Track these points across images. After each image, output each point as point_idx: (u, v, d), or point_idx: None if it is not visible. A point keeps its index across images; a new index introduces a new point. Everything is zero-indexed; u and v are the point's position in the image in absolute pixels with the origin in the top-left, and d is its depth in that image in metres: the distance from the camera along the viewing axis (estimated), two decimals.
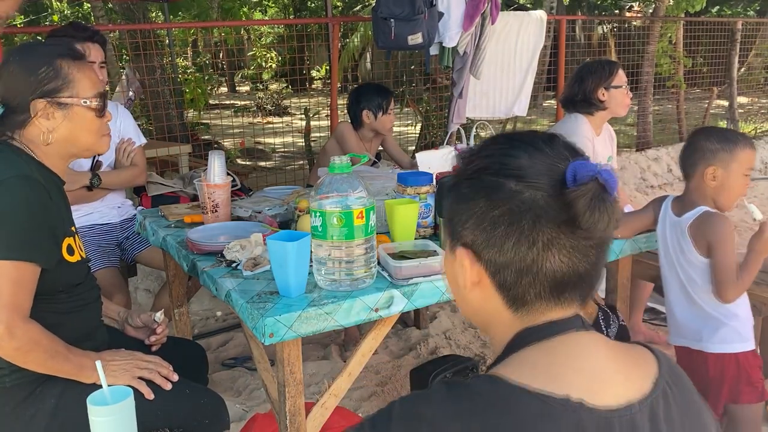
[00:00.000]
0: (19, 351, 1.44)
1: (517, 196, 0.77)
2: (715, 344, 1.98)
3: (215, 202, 2.18)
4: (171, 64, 6.67)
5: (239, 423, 2.35)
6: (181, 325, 2.54)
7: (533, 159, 0.79)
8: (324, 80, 14.41)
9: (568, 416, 0.71)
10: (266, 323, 1.48)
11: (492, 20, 3.96)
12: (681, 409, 0.79)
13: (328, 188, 1.60)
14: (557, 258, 0.78)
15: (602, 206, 0.76)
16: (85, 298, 1.66)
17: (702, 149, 1.98)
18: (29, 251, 1.45)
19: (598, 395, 0.73)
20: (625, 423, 0.73)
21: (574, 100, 3.03)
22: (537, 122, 10.06)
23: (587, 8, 14.45)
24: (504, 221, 0.78)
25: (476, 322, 0.91)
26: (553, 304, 0.81)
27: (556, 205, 0.76)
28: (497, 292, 0.82)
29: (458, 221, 0.83)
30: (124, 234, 2.78)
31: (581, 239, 0.78)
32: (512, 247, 0.78)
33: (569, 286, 0.80)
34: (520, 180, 0.78)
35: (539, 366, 0.76)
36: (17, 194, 1.45)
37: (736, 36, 7.86)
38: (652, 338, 3.19)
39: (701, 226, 1.98)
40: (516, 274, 0.79)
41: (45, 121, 1.54)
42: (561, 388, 0.72)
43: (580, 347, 0.78)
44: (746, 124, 9.14)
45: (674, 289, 2.10)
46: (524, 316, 0.82)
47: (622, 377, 0.76)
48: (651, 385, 0.77)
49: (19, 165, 1.50)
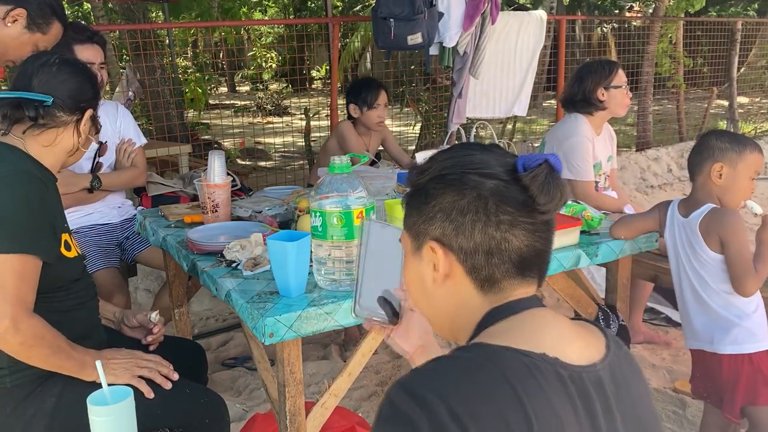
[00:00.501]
0: (23, 345, 1.44)
1: (482, 185, 0.88)
2: (727, 345, 1.98)
3: (215, 202, 2.18)
4: (171, 64, 6.67)
5: (239, 423, 2.35)
6: (181, 325, 2.54)
7: (487, 156, 0.92)
8: (324, 80, 14.40)
9: (550, 368, 0.80)
10: (266, 323, 1.48)
11: (492, 20, 3.96)
12: (628, 370, 0.90)
13: (328, 188, 1.61)
14: (521, 235, 0.88)
15: (554, 183, 0.88)
16: (83, 295, 1.67)
17: (711, 147, 1.99)
18: (32, 245, 1.46)
19: (567, 353, 0.83)
20: (593, 377, 0.84)
21: (573, 100, 3.03)
22: (537, 122, 10.06)
23: (587, 8, 14.45)
24: (471, 208, 0.88)
25: (442, 321, 0.98)
26: (517, 282, 0.91)
27: (515, 189, 0.88)
28: (467, 277, 0.91)
29: (424, 221, 0.92)
30: (125, 234, 2.78)
31: (536, 216, 0.89)
32: (480, 231, 0.88)
33: (531, 263, 0.91)
34: (481, 172, 0.89)
35: (512, 332, 0.86)
36: (17, 189, 1.47)
37: (736, 36, 7.86)
38: (652, 338, 3.19)
39: (711, 222, 1.97)
40: (485, 255, 0.89)
41: (86, 128, 1.67)
42: (538, 347, 0.82)
43: (545, 319, 0.89)
44: (746, 124, 9.14)
45: (686, 292, 2.09)
46: (493, 297, 0.91)
47: (583, 342, 0.87)
48: (605, 350, 0.88)
49: (17, 161, 1.53)
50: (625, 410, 0.85)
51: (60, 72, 1.62)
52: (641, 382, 0.93)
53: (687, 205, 2.07)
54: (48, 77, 1.60)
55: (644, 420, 0.90)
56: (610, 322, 2.19)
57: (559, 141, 3.02)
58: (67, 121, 1.62)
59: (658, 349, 3.14)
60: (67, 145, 1.65)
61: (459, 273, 0.91)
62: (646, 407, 0.91)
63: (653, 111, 7.96)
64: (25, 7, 2.08)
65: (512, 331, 0.86)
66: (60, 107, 1.60)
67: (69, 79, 1.62)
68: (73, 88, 1.62)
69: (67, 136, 1.64)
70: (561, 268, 1.94)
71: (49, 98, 1.58)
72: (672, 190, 6.45)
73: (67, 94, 1.61)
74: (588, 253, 2.00)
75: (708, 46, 8.00)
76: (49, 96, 1.58)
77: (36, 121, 1.58)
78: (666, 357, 3.07)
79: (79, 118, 1.64)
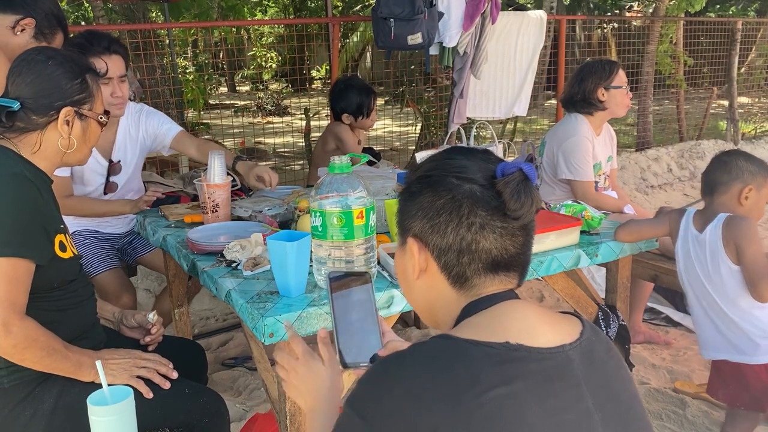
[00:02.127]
0: (16, 348, 1.44)
1: (458, 187, 0.94)
2: (760, 356, 2.00)
3: (215, 202, 2.18)
4: (171, 64, 6.67)
5: (239, 423, 2.35)
6: (181, 325, 2.54)
7: (470, 161, 0.97)
8: (324, 80, 14.40)
9: (510, 354, 0.85)
10: (266, 323, 1.48)
11: (492, 20, 3.96)
12: (605, 355, 0.94)
13: (328, 188, 1.60)
14: (491, 238, 0.93)
15: (526, 191, 0.93)
16: (80, 294, 1.67)
17: (740, 168, 2.03)
18: (23, 248, 1.45)
19: (533, 338, 0.88)
20: (560, 358, 0.88)
21: (574, 100, 3.03)
22: (537, 122, 10.05)
23: (587, 8, 14.45)
24: (446, 208, 0.94)
25: (424, 312, 1.04)
26: (489, 280, 0.96)
27: (489, 193, 0.93)
28: (441, 274, 0.97)
29: (407, 216, 0.98)
30: (126, 239, 2.78)
31: (510, 221, 0.93)
32: (453, 230, 0.93)
33: (502, 264, 0.95)
34: (460, 176, 0.95)
35: (481, 326, 0.91)
36: (9, 192, 1.46)
37: (736, 36, 7.86)
38: (652, 338, 3.19)
39: (727, 230, 1.99)
40: (456, 254, 0.94)
41: (66, 128, 1.60)
42: (500, 337, 0.87)
43: (514, 309, 0.93)
44: (746, 124, 9.14)
45: (704, 305, 2.10)
46: (466, 293, 0.96)
47: (551, 327, 0.91)
48: (578, 335, 0.92)
49: (8, 163, 1.51)
50: (597, 390, 0.89)
51: (29, 72, 1.56)
52: (620, 367, 0.96)
53: (703, 220, 2.08)
54: (18, 79, 1.56)
55: (623, 400, 0.92)
56: (610, 322, 2.19)
57: (559, 141, 3.02)
58: (44, 123, 1.57)
59: (658, 349, 3.14)
60: (53, 146, 1.59)
61: (434, 269, 0.97)
62: (624, 389, 0.94)
63: (653, 111, 7.96)
64: (34, 17, 2.12)
65: (481, 326, 0.91)
66: (30, 110, 1.55)
67: (35, 80, 1.55)
68: (42, 89, 1.55)
69: (52, 138, 1.59)
70: (561, 268, 1.94)
71: (15, 103, 1.53)
72: (672, 190, 6.44)
73: (34, 96, 1.55)
74: (588, 253, 1.99)
75: (708, 46, 8.00)
76: (15, 100, 1.54)
77: (12, 126, 1.55)
78: (666, 357, 3.07)
79: (56, 118, 1.58)
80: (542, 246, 1.92)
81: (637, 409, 0.95)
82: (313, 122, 7.11)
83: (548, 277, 1.99)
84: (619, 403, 0.91)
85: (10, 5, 2.10)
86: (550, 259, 1.91)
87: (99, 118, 1.67)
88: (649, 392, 2.74)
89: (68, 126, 1.60)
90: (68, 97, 1.58)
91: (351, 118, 3.44)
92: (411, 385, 0.83)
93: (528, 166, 0.95)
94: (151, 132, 2.66)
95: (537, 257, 1.89)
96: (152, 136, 2.66)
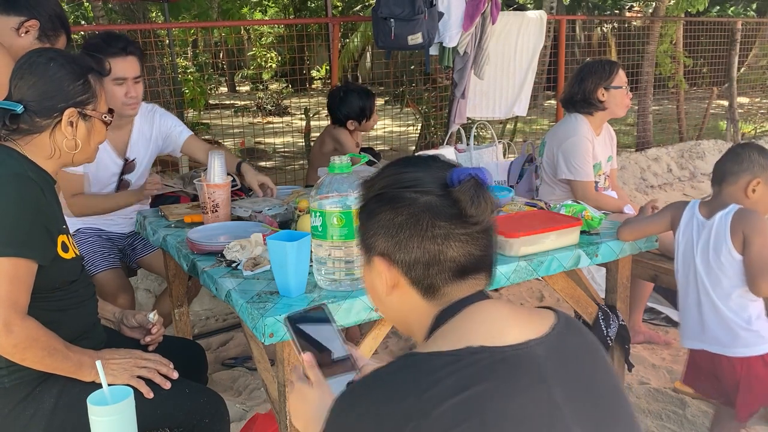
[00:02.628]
0: (17, 348, 1.44)
1: (415, 201, 0.94)
2: (738, 348, 1.99)
3: (215, 202, 2.18)
4: (171, 64, 6.66)
5: (239, 423, 2.35)
6: (181, 325, 2.54)
7: (423, 172, 0.97)
8: (324, 80, 14.40)
9: (471, 358, 0.85)
10: (266, 323, 1.48)
11: (492, 20, 3.96)
12: (577, 346, 0.94)
13: (328, 188, 1.61)
14: (455, 246, 0.94)
15: (482, 196, 0.94)
16: (81, 295, 1.67)
17: (753, 161, 2.01)
18: (25, 248, 1.45)
19: (498, 339, 0.88)
20: (524, 353, 0.88)
21: (574, 100, 3.03)
22: (537, 122, 10.05)
23: (587, 8, 14.45)
24: (408, 224, 0.94)
25: (399, 324, 1.06)
26: (458, 286, 0.96)
27: (447, 203, 0.94)
28: (412, 288, 0.97)
29: (369, 235, 0.99)
30: (128, 241, 2.79)
31: (471, 227, 0.94)
32: (417, 245, 0.94)
33: (470, 269, 0.96)
34: (416, 189, 0.95)
35: (448, 335, 0.92)
36: (11, 192, 1.46)
37: (736, 36, 7.86)
38: (652, 338, 3.19)
39: (737, 220, 1.98)
40: (424, 267, 0.95)
41: (70, 129, 1.59)
42: (464, 342, 0.88)
43: (481, 310, 0.94)
44: (746, 124, 9.14)
45: (693, 293, 2.10)
46: (438, 301, 0.97)
47: (518, 325, 0.91)
48: (548, 329, 0.92)
49: (12, 163, 1.52)
50: (567, 383, 0.89)
51: (31, 75, 1.55)
52: (595, 359, 0.96)
53: (710, 208, 2.07)
54: (20, 82, 1.56)
55: (598, 392, 0.92)
56: (610, 322, 2.19)
57: (559, 141, 3.02)
58: (47, 125, 1.57)
59: (658, 349, 3.14)
60: (58, 148, 1.59)
61: (404, 283, 0.98)
62: (600, 380, 0.94)
63: (653, 111, 7.96)
64: (38, 18, 2.13)
65: (447, 335, 0.92)
66: (34, 112, 1.55)
67: (38, 82, 1.55)
68: (44, 91, 1.55)
69: (57, 140, 1.58)
70: (561, 268, 1.94)
71: (18, 106, 1.53)
72: (672, 190, 6.44)
73: (37, 99, 1.55)
74: (588, 253, 2.00)
75: (708, 46, 8.00)
76: (18, 103, 1.54)
77: (16, 129, 1.55)
78: (666, 357, 3.07)
79: (59, 120, 1.57)
80: (542, 246, 1.92)
81: (616, 401, 0.94)
82: (313, 122, 7.11)
83: (548, 277, 1.99)
84: (593, 396, 0.91)
85: (14, 7, 2.11)
86: (550, 259, 1.91)
87: (103, 117, 1.66)
88: (649, 392, 2.75)
89: (72, 127, 1.59)
90: (71, 99, 1.58)
91: (355, 123, 3.49)
92: (373, 403, 0.85)
93: (480, 171, 0.96)
94: (164, 132, 2.70)
95: (537, 257, 1.89)
96: (164, 136, 2.70)
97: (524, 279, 1.88)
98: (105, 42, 2.40)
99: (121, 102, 2.42)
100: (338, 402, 0.90)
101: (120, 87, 2.41)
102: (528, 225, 1.95)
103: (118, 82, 2.40)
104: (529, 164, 3.44)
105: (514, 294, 3.85)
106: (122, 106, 2.43)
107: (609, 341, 2.19)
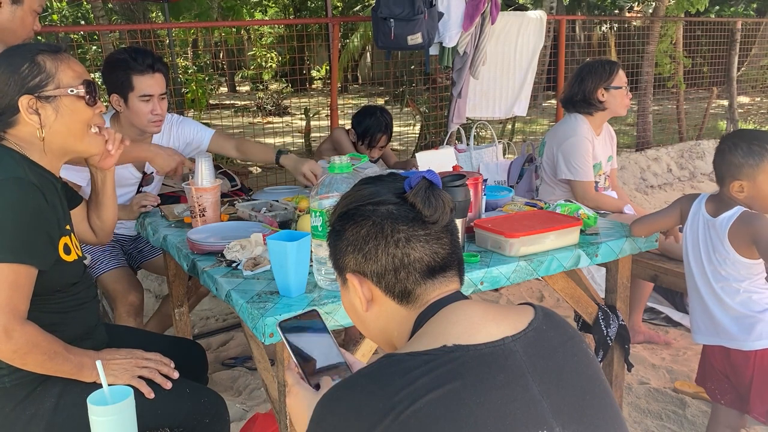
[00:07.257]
0: (17, 353, 1.44)
1: (375, 212, 0.99)
2: (753, 341, 1.98)
3: (202, 206, 2.13)
4: (171, 64, 6.67)
5: (239, 423, 2.35)
6: (181, 325, 2.54)
7: (378, 186, 1.03)
8: (324, 80, 14.40)
9: (446, 356, 0.87)
10: (266, 323, 1.48)
11: (492, 20, 3.96)
12: (555, 340, 0.95)
13: (328, 188, 1.61)
14: (418, 247, 0.98)
15: (434, 195, 0.99)
16: (83, 296, 1.67)
17: (728, 162, 1.97)
18: (25, 254, 1.44)
19: (473, 337, 0.90)
20: (499, 350, 0.90)
21: (573, 100, 3.03)
22: (537, 122, 10.06)
23: (587, 8, 14.45)
24: (371, 235, 0.99)
25: (381, 341, 1.08)
26: (430, 286, 1.00)
27: (404, 208, 0.99)
28: (387, 297, 1.01)
29: (340, 255, 1.03)
30: (133, 244, 2.79)
31: (430, 226, 0.99)
32: (383, 252, 0.98)
33: (438, 267, 1.00)
34: (373, 201, 1.00)
35: (425, 337, 0.94)
36: (11, 197, 1.44)
37: (736, 36, 7.86)
38: (652, 338, 3.19)
39: (742, 227, 1.95)
40: (393, 272, 0.99)
41: (35, 117, 1.52)
42: (440, 342, 0.90)
43: (457, 310, 0.96)
44: (746, 124, 9.14)
45: (701, 287, 2.09)
46: (414, 305, 1.00)
47: (495, 323, 0.93)
48: (525, 325, 0.94)
49: (12, 167, 1.49)
50: (546, 378, 0.90)
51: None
52: (576, 353, 0.97)
53: (716, 205, 2.05)
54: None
55: (578, 386, 0.93)
56: (610, 322, 2.19)
57: (559, 141, 3.02)
58: (16, 120, 1.52)
59: (658, 349, 3.14)
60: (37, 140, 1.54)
61: (379, 295, 1.01)
62: (581, 374, 0.95)
63: (653, 111, 7.95)
64: None
65: (424, 337, 0.94)
66: (1, 113, 1.51)
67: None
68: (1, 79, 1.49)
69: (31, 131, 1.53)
70: (561, 268, 1.94)
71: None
72: (672, 190, 6.44)
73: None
74: (588, 253, 2.00)
75: (708, 46, 7.99)
76: None
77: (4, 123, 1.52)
78: (666, 357, 3.07)
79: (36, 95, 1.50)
80: (542, 246, 1.92)
81: (598, 394, 0.95)
82: (313, 122, 7.12)
83: (548, 277, 1.99)
84: (573, 388, 0.92)
85: None
86: (550, 259, 1.91)
87: (70, 91, 1.54)
88: (649, 392, 2.75)
89: (37, 114, 1.52)
90: (22, 87, 1.50)
91: (354, 137, 3.54)
92: (351, 403, 0.88)
93: (430, 173, 1.02)
94: (183, 140, 2.67)
95: (537, 257, 1.89)
96: (185, 144, 2.68)
97: (524, 279, 1.88)
98: (132, 58, 2.37)
99: (147, 120, 2.40)
100: (320, 402, 0.92)
101: (146, 104, 2.38)
102: (528, 225, 1.95)
103: (144, 98, 2.38)
104: (529, 164, 3.45)
105: (514, 294, 3.85)
106: (147, 123, 2.41)
107: (609, 341, 2.19)
